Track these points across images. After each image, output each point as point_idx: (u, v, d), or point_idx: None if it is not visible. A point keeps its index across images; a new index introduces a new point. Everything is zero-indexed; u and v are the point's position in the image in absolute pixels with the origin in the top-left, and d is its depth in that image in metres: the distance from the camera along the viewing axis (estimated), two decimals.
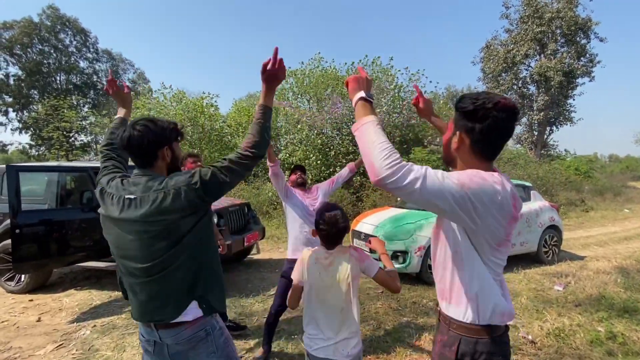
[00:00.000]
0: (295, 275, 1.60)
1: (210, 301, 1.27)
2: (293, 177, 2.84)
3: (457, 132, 1.03)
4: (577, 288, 4.19)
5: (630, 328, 3.11)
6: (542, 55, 20.30)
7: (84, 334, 3.18)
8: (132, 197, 1.19)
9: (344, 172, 2.95)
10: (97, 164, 4.62)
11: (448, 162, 1.13)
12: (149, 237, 1.18)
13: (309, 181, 9.61)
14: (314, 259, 1.55)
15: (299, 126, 10.60)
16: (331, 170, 10.10)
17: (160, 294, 1.22)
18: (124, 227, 1.20)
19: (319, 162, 9.97)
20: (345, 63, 12.52)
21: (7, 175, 3.38)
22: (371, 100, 1.03)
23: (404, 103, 11.32)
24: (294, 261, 1.73)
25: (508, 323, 1.07)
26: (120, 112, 1.64)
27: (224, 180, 1.22)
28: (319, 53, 12.45)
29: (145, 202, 1.17)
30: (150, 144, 1.23)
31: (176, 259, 1.20)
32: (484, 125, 0.96)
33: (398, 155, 0.87)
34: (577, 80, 20.17)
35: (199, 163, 2.87)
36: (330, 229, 1.51)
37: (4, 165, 4.33)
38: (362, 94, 1.02)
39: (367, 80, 1.09)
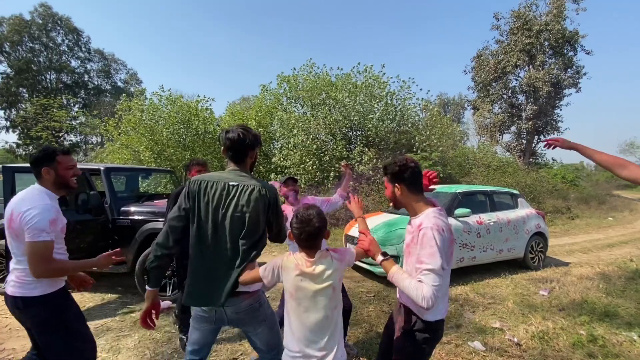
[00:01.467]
0: (264, 272, 1.49)
1: None
2: (284, 190, 2.80)
3: (396, 184, 1.59)
4: (561, 293, 4.34)
5: (610, 332, 3.26)
6: (531, 66, 20.86)
7: None
8: (234, 183, 1.59)
9: (337, 200, 2.94)
10: (93, 166, 4.62)
11: (397, 207, 1.67)
12: (252, 216, 1.55)
13: (302, 185, 9.73)
14: (294, 265, 1.43)
15: (294, 131, 10.64)
16: (325, 174, 10.17)
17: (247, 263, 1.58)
18: (231, 210, 1.55)
19: (314, 167, 10.02)
20: (332, 68, 12.89)
21: (3, 176, 3.38)
22: (388, 257, 1.54)
23: (397, 110, 11.50)
24: None
25: (435, 318, 1.52)
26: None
27: (278, 220, 1.68)
28: (311, 59, 12.58)
29: (244, 190, 1.57)
30: (247, 144, 1.63)
31: (262, 232, 1.64)
32: (408, 174, 1.55)
33: (420, 289, 1.36)
34: (564, 91, 20.81)
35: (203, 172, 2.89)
36: (304, 227, 1.41)
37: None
38: (380, 257, 1.53)
39: (374, 243, 1.60)
